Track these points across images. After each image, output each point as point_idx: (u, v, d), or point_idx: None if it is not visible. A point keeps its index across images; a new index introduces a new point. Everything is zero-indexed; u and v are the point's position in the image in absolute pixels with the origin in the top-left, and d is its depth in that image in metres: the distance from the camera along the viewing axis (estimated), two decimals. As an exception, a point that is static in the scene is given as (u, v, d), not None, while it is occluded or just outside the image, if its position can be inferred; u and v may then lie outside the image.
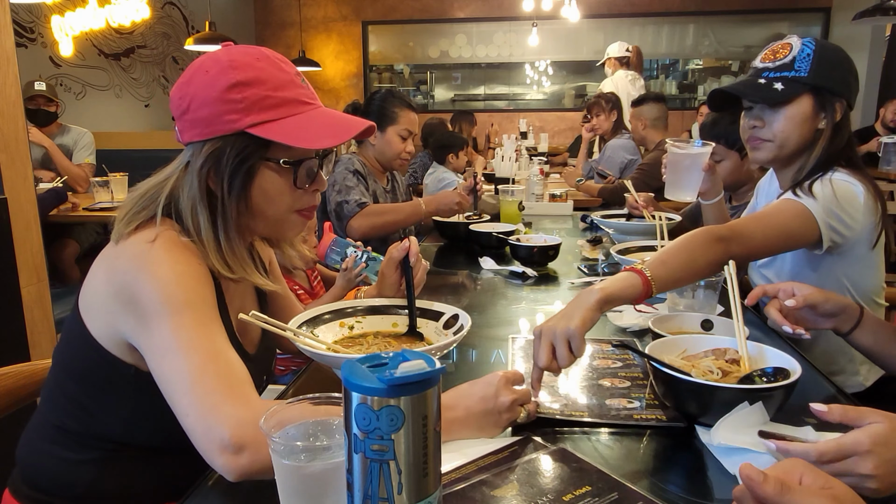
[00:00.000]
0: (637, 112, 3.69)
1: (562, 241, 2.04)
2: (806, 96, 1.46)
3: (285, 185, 1.02)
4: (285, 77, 1.00)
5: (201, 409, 0.83)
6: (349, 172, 2.44)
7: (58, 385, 1.06)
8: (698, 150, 1.79)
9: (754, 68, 1.54)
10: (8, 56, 2.07)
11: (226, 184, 0.98)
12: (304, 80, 1.03)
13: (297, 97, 1.00)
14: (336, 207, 2.40)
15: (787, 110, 1.48)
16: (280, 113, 0.97)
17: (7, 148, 2.06)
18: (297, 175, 1.02)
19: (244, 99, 0.95)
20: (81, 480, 1.02)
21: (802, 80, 1.45)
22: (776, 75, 1.48)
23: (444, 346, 1.08)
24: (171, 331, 0.88)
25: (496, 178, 3.96)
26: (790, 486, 0.60)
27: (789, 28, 8.03)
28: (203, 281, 0.96)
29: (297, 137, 0.96)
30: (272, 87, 0.97)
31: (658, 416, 0.99)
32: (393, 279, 1.28)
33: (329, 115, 1.03)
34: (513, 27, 8.18)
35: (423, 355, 0.58)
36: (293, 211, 1.06)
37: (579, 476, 0.82)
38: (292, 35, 8.48)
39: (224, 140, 0.97)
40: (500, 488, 0.79)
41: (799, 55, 1.46)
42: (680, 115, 8.01)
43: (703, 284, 1.34)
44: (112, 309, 0.94)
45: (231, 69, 0.96)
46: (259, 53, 1.00)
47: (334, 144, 0.98)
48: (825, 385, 1.15)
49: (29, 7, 4.92)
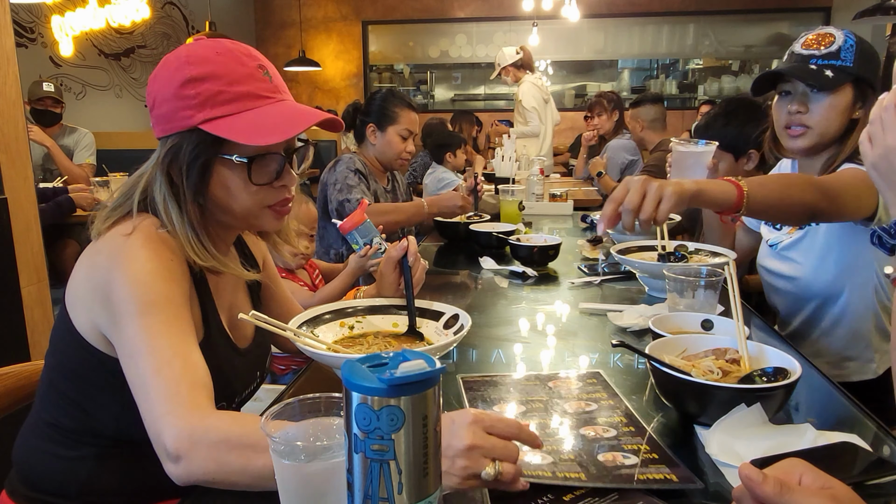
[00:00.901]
0: (635, 113, 3.70)
1: (562, 241, 2.04)
2: (848, 86, 1.50)
3: (244, 182, 1.00)
4: (244, 71, 0.98)
5: (151, 415, 0.84)
6: (350, 171, 2.44)
7: (50, 383, 1.06)
8: (702, 148, 1.81)
9: (799, 54, 1.55)
10: (8, 56, 2.07)
11: (185, 180, 0.98)
12: (267, 72, 1.01)
13: (255, 91, 0.98)
14: (338, 206, 2.40)
15: (831, 98, 1.51)
16: (233, 108, 0.96)
17: (7, 148, 2.06)
18: (252, 171, 0.99)
19: (198, 94, 0.95)
20: (77, 478, 1.02)
21: (848, 70, 1.49)
22: (825, 62, 1.50)
23: (444, 346, 1.08)
24: (136, 332, 0.89)
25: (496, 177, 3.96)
26: (790, 486, 0.60)
27: (789, 28, 8.03)
28: (175, 277, 0.96)
29: (244, 134, 0.94)
30: (227, 82, 0.96)
31: (665, 474, 0.82)
32: (391, 279, 1.28)
33: (286, 109, 1.00)
34: (513, 27, 8.18)
35: (423, 355, 0.58)
36: (263, 207, 1.04)
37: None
38: (292, 35, 8.48)
39: (181, 136, 0.97)
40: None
41: (844, 45, 1.50)
42: (680, 114, 8.01)
43: (704, 284, 1.34)
44: (92, 305, 0.95)
45: (187, 64, 0.96)
46: (220, 47, 0.99)
47: (281, 140, 0.96)
48: (825, 385, 1.15)
49: (29, 7, 4.92)
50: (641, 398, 1.08)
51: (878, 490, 0.80)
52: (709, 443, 0.89)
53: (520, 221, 2.54)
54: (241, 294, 1.18)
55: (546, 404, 1.02)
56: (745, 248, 1.98)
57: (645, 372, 1.18)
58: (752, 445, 0.86)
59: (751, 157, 2.18)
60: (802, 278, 1.59)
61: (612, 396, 1.05)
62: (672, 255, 1.70)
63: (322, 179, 2.53)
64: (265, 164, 1.01)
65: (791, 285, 1.65)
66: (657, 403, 1.05)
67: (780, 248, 1.67)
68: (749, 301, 2.10)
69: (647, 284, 1.73)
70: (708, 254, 1.75)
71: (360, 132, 2.57)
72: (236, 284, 1.16)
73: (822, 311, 1.59)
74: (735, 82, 8.15)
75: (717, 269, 1.37)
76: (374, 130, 2.52)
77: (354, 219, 1.50)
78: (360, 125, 2.57)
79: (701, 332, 1.19)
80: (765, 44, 8.11)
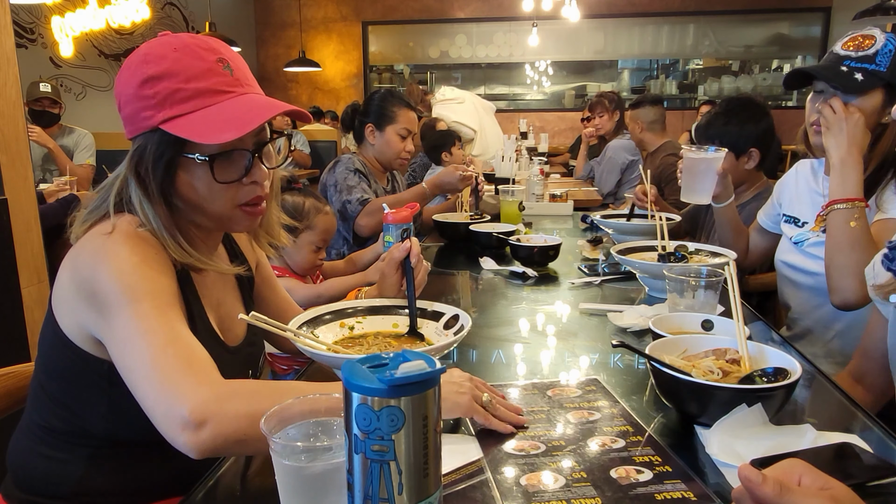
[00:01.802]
0: (634, 115, 3.70)
1: (562, 242, 2.04)
2: (879, 90, 1.51)
3: (209, 180, 0.98)
4: (202, 66, 0.95)
5: (161, 389, 0.82)
6: (350, 172, 2.44)
7: (40, 385, 1.06)
8: (713, 154, 1.85)
9: (835, 54, 1.56)
10: (8, 57, 2.07)
11: (152, 181, 0.97)
12: (228, 66, 0.98)
13: (213, 87, 0.95)
14: (340, 208, 2.39)
15: (859, 101, 1.51)
16: (192, 106, 0.94)
17: (7, 149, 2.06)
18: (215, 170, 0.96)
19: (156, 94, 0.93)
20: (70, 479, 1.02)
21: (880, 75, 1.49)
22: (857, 65, 1.51)
23: (444, 347, 1.08)
24: (130, 318, 0.88)
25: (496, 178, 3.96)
26: (789, 487, 0.60)
27: (789, 28, 8.03)
28: (161, 269, 0.95)
29: (200, 132, 0.92)
30: (184, 79, 0.94)
31: (683, 492, 0.80)
32: (394, 280, 1.28)
33: (245, 104, 0.97)
34: (513, 27, 8.18)
35: (423, 356, 0.58)
36: (234, 206, 1.02)
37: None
38: (292, 35, 8.48)
39: (145, 137, 0.96)
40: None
41: (882, 50, 1.50)
42: (680, 114, 8.01)
43: (704, 285, 1.34)
44: (77, 305, 0.95)
45: (144, 63, 0.95)
46: (178, 43, 0.97)
47: (236, 136, 0.92)
48: (826, 385, 1.15)
49: (29, 8, 4.92)
50: (641, 398, 1.08)
51: (878, 491, 0.80)
52: (709, 443, 0.89)
53: (520, 222, 2.54)
54: (231, 292, 1.18)
55: (548, 415, 0.99)
56: (759, 248, 1.99)
57: (645, 372, 1.18)
58: (752, 446, 0.86)
59: (751, 155, 2.19)
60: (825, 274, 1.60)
61: (614, 404, 1.04)
62: (672, 255, 1.70)
63: (322, 180, 2.53)
64: (229, 162, 0.98)
65: (812, 280, 1.64)
66: (657, 404, 1.05)
67: (806, 245, 1.67)
68: (750, 302, 2.10)
69: (647, 285, 1.73)
70: (708, 254, 1.75)
71: (360, 133, 2.57)
72: (225, 283, 1.16)
73: (840, 311, 1.59)
74: (735, 82, 8.16)
75: (717, 269, 1.37)
76: (373, 130, 2.52)
77: (401, 214, 1.47)
78: (358, 126, 2.57)
79: (701, 333, 1.19)
80: (765, 44, 8.11)
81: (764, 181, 2.29)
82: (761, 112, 2.20)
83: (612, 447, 0.90)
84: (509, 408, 0.97)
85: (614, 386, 1.13)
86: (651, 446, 0.90)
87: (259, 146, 1.01)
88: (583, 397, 1.06)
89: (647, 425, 0.99)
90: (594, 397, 1.06)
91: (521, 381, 1.14)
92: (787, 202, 1.84)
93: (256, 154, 1.01)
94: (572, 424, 0.97)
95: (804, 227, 1.71)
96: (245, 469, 0.91)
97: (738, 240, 1.96)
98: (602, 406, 1.03)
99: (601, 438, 0.92)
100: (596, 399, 1.06)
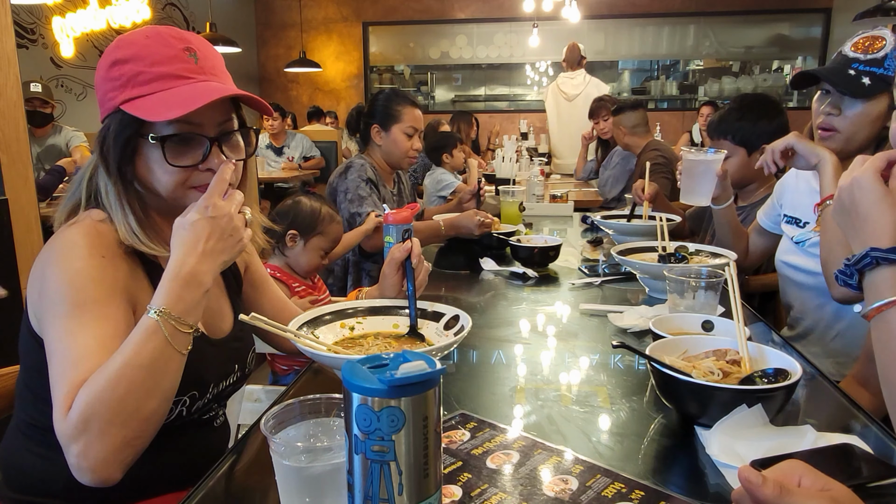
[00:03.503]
0: (616, 121, 3.72)
1: (562, 242, 2.04)
2: (885, 95, 1.49)
3: (162, 162, 0.99)
4: (168, 52, 0.98)
5: (55, 407, 0.87)
6: (362, 181, 2.43)
7: (23, 381, 1.08)
8: (712, 157, 1.87)
9: (843, 56, 1.54)
10: (9, 57, 2.07)
11: (111, 161, 1.00)
12: (194, 55, 1.00)
13: (175, 72, 0.98)
14: (349, 218, 2.39)
15: (865, 106, 1.50)
16: (151, 88, 0.96)
17: (8, 149, 2.06)
18: (166, 151, 0.98)
19: (121, 76, 0.97)
20: (61, 476, 1.01)
21: (888, 80, 1.47)
22: (865, 69, 1.49)
23: (444, 347, 1.08)
24: (55, 332, 0.91)
25: (497, 178, 3.96)
26: (789, 489, 0.60)
27: (790, 29, 8.03)
28: (105, 276, 0.96)
29: (151, 111, 0.95)
30: (148, 63, 0.97)
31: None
32: (394, 280, 1.28)
33: (202, 88, 0.98)
34: (513, 28, 8.18)
35: (423, 356, 0.58)
36: (189, 188, 1.02)
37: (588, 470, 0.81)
38: (293, 36, 8.48)
39: (110, 118, 1.00)
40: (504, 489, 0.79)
41: (891, 53, 1.48)
42: (680, 115, 8.02)
43: (704, 285, 1.34)
44: (36, 300, 0.98)
45: (115, 48, 0.99)
46: (151, 31, 1.00)
47: (179, 114, 0.94)
48: (826, 386, 1.15)
49: (30, 8, 4.93)
50: (642, 399, 1.08)
51: (878, 492, 0.80)
52: (709, 444, 0.89)
53: (520, 222, 2.54)
54: (215, 287, 1.17)
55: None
56: (759, 249, 1.99)
57: (645, 373, 1.18)
58: (752, 446, 0.86)
59: (763, 152, 2.18)
60: None
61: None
62: (672, 256, 1.70)
63: (332, 183, 2.53)
64: (183, 145, 1.00)
65: (813, 280, 1.64)
66: (657, 404, 1.05)
67: (807, 245, 1.67)
68: (751, 302, 2.10)
69: (647, 285, 1.73)
70: (708, 255, 1.75)
71: (365, 134, 2.57)
72: None
73: (842, 311, 1.59)
74: (735, 83, 8.15)
75: (717, 270, 1.37)
76: (379, 131, 2.52)
77: (402, 215, 1.48)
78: (364, 128, 2.57)
79: (701, 333, 1.19)
80: (765, 45, 8.11)
81: (774, 181, 2.29)
82: (775, 110, 2.18)
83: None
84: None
85: (615, 387, 1.13)
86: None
87: (223, 135, 1.03)
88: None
89: (648, 426, 0.99)
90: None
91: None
92: (787, 202, 1.84)
93: (217, 142, 1.02)
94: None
95: (805, 228, 1.71)
96: (245, 469, 0.91)
97: (738, 241, 1.96)
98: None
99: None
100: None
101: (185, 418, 1.06)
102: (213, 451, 1.17)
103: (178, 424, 1.05)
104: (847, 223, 0.92)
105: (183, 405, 1.04)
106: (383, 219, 1.48)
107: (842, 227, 0.94)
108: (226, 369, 1.14)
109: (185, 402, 1.04)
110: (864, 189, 0.87)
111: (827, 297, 1.61)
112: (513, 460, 0.85)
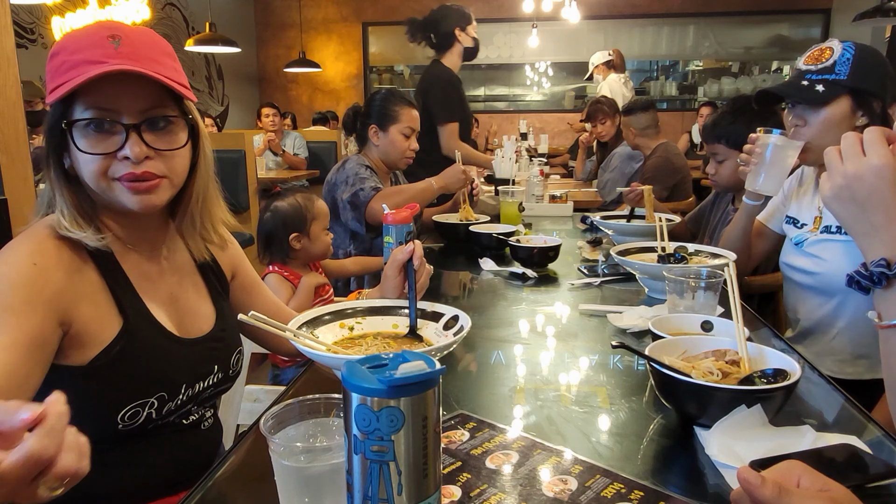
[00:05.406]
0: (626, 122, 3.70)
1: (562, 243, 2.04)
2: (844, 98, 1.55)
3: (77, 149, 0.99)
4: (89, 40, 0.97)
5: None
6: (361, 166, 2.46)
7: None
8: (799, 143, 1.62)
9: (798, 70, 1.62)
10: (8, 57, 2.07)
11: (49, 152, 1.01)
12: (116, 41, 0.97)
13: (90, 58, 0.95)
14: (352, 198, 2.39)
15: (826, 111, 1.57)
16: (70, 76, 0.96)
17: (7, 149, 2.06)
18: (74, 137, 0.98)
19: (52, 68, 0.98)
20: None
21: (842, 83, 1.54)
22: (818, 77, 1.57)
23: (444, 347, 1.08)
24: None
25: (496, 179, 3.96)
26: (788, 489, 0.60)
27: (789, 29, 8.04)
28: (27, 281, 0.94)
29: (52, 95, 0.96)
30: (70, 52, 0.97)
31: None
32: (396, 282, 1.27)
33: (108, 72, 0.95)
34: (513, 28, 8.18)
35: (423, 356, 0.58)
36: (111, 179, 1.00)
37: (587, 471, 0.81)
38: (292, 36, 8.49)
39: (49, 112, 1.01)
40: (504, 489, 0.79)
41: (840, 59, 1.55)
42: (680, 115, 8.02)
43: (704, 286, 1.34)
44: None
45: (56, 44, 1.00)
46: (93, 25, 1.01)
47: (60, 94, 0.93)
48: (826, 386, 1.15)
49: (29, 8, 4.92)
50: (641, 400, 1.08)
51: (877, 492, 0.80)
52: (709, 444, 0.89)
53: (520, 223, 2.54)
54: (190, 287, 1.17)
55: None
56: (760, 251, 1.99)
57: (645, 373, 1.19)
58: (751, 447, 0.86)
59: None
60: (825, 273, 1.60)
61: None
62: (672, 256, 1.70)
63: (329, 180, 2.53)
64: (97, 131, 0.98)
65: (812, 280, 1.65)
66: (657, 405, 1.05)
67: (805, 245, 1.68)
68: (751, 303, 2.10)
69: (646, 286, 1.73)
70: (708, 255, 1.75)
71: (363, 135, 2.57)
72: (182, 276, 1.17)
73: (841, 309, 1.60)
74: (735, 84, 8.16)
75: (716, 270, 1.37)
76: (377, 131, 2.52)
77: (401, 215, 1.48)
78: (361, 128, 2.57)
79: (701, 334, 1.19)
80: (765, 45, 8.11)
81: None
82: (769, 111, 2.18)
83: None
84: None
85: (614, 387, 1.13)
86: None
87: (148, 123, 1.00)
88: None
89: (647, 427, 0.99)
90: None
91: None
92: (788, 203, 1.84)
93: (136, 130, 0.99)
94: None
95: (803, 229, 1.72)
96: (244, 469, 0.91)
97: (745, 242, 1.95)
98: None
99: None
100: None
101: (158, 420, 1.04)
102: (202, 454, 1.16)
103: (151, 427, 1.04)
104: (857, 216, 0.89)
105: (150, 406, 1.02)
106: (383, 219, 1.48)
107: (844, 217, 0.92)
108: (202, 370, 1.12)
109: (153, 403, 1.02)
110: (889, 181, 0.82)
111: (826, 296, 1.61)
112: (512, 460, 0.85)
